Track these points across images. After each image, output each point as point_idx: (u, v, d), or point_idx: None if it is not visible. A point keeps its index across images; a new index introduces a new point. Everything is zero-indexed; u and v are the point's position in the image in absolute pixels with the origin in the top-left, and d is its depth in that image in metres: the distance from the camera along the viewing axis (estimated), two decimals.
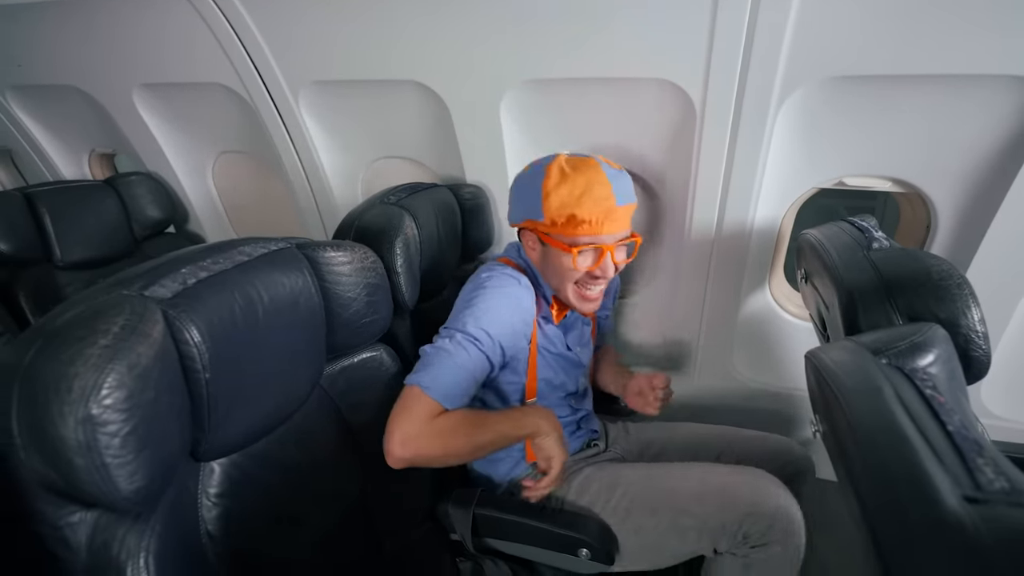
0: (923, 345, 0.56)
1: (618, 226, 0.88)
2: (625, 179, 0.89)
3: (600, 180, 0.85)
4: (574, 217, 0.85)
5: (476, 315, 0.86)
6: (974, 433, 0.42)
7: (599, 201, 0.84)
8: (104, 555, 0.51)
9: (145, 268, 0.61)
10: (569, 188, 0.85)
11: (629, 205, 0.89)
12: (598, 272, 0.90)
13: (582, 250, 0.87)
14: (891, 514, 0.39)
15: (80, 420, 0.45)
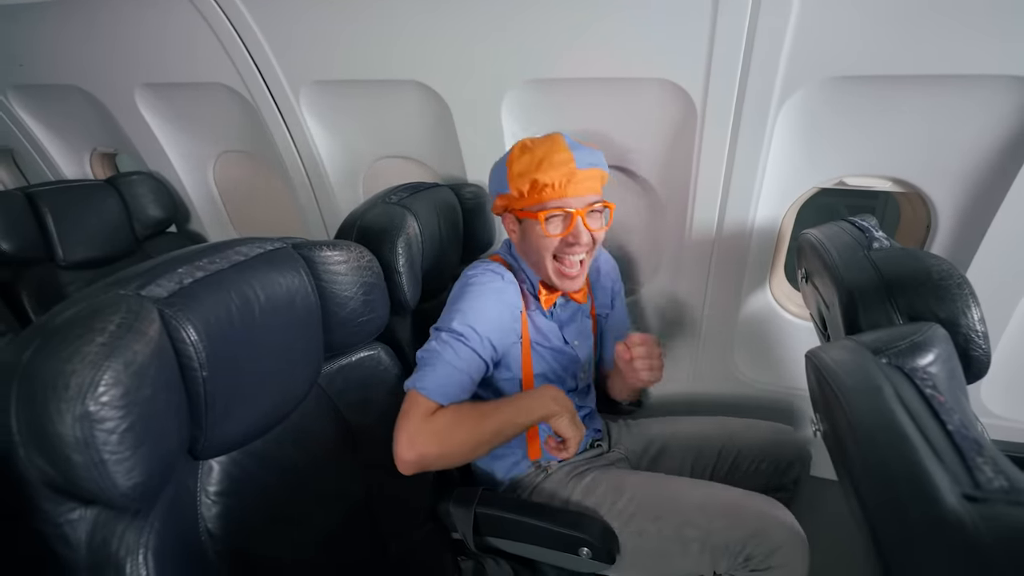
0: (923, 344, 0.56)
1: (583, 189, 0.88)
2: (588, 149, 0.90)
3: (559, 148, 0.88)
4: (536, 183, 0.87)
5: (462, 312, 0.88)
6: (974, 432, 0.42)
7: (558, 165, 0.86)
8: (104, 552, 0.51)
9: (142, 268, 0.61)
10: (529, 157, 0.89)
11: (593, 170, 0.89)
12: (571, 239, 0.90)
13: (550, 215, 0.89)
14: (891, 512, 0.39)
15: (78, 417, 0.46)
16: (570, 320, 1.04)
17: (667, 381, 1.43)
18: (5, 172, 2.19)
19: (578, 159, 0.88)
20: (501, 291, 0.92)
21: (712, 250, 1.19)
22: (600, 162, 0.92)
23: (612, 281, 1.15)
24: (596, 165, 0.90)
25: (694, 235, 1.18)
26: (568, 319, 1.04)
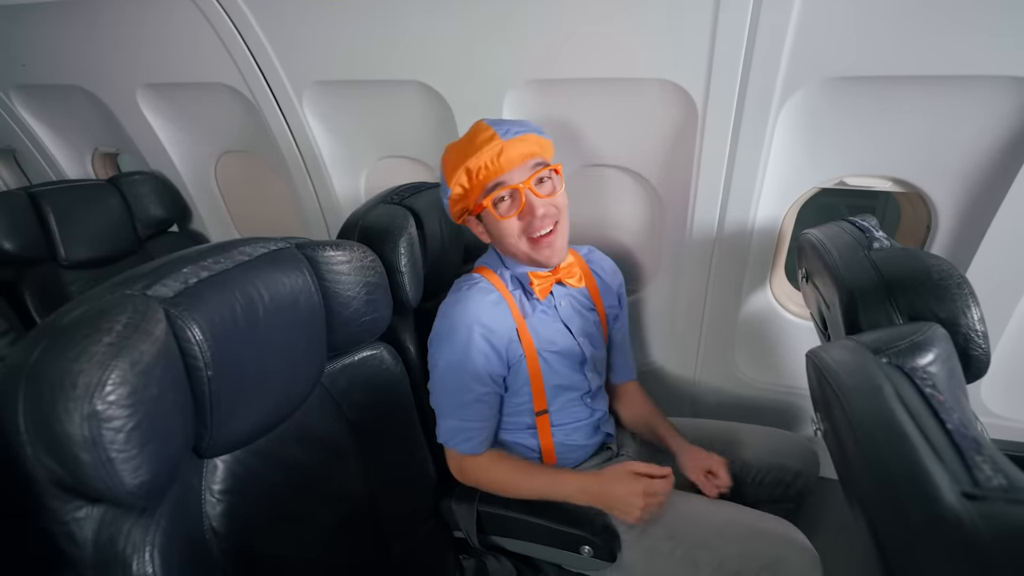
0: (923, 344, 0.56)
1: (516, 157, 0.85)
2: (512, 121, 0.88)
3: (479, 129, 0.86)
4: (468, 170, 0.85)
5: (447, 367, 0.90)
6: (973, 431, 0.43)
7: (482, 145, 0.84)
8: (110, 550, 0.52)
9: (148, 268, 0.62)
10: (457, 149, 0.87)
11: (521, 137, 0.85)
12: (527, 214, 0.87)
13: (496, 199, 0.86)
14: (891, 511, 0.39)
15: (85, 416, 0.46)
16: (574, 314, 1.01)
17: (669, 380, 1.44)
18: (7, 171, 2.20)
19: (501, 132, 0.85)
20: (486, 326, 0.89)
21: (713, 250, 1.20)
22: (529, 128, 0.88)
23: (616, 283, 1.13)
24: (523, 132, 0.86)
25: (695, 235, 1.19)
26: (572, 313, 1.01)
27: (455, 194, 0.88)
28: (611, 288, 1.11)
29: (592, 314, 1.05)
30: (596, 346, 1.05)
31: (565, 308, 1.00)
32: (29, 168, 2.10)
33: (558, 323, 0.99)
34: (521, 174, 0.86)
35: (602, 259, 1.12)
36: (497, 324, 0.90)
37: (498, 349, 0.90)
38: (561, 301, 1.00)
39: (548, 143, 0.91)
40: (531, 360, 0.94)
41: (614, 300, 1.12)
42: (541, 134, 0.90)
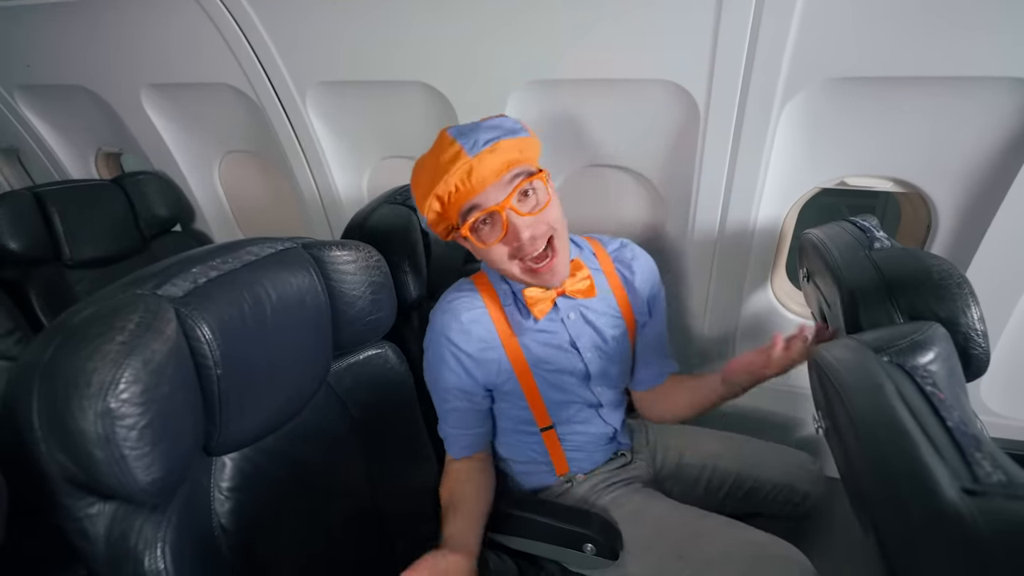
0: (923, 343, 0.57)
1: (490, 176, 0.73)
2: (480, 126, 0.75)
3: (445, 146, 0.74)
4: (438, 197, 0.74)
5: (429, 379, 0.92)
6: (973, 428, 0.43)
7: (447, 165, 0.72)
8: (122, 546, 0.53)
9: (157, 268, 0.63)
10: (423, 174, 0.76)
11: (492, 147, 0.72)
12: (512, 240, 0.76)
13: (473, 225, 0.76)
14: (892, 507, 0.40)
15: (99, 414, 0.47)
16: (586, 326, 0.93)
17: None
18: (10, 171, 2.20)
19: (468, 146, 0.72)
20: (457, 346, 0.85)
21: (714, 249, 1.20)
22: (500, 132, 0.74)
23: (650, 285, 0.99)
24: (493, 139, 0.73)
25: (696, 235, 1.20)
26: (583, 326, 0.92)
27: (430, 220, 0.80)
28: (641, 292, 0.98)
29: (617, 321, 0.95)
30: (612, 360, 0.95)
31: (574, 321, 0.92)
32: (33, 168, 2.11)
33: (559, 341, 0.91)
34: (498, 192, 0.74)
35: (635, 257, 0.99)
36: (468, 343, 0.86)
37: (467, 368, 0.87)
38: (569, 314, 0.91)
39: (530, 142, 0.78)
40: (524, 378, 0.90)
41: (644, 306, 0.98)
42: (518, 134, 0.76)
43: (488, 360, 0.88)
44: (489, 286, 0.90)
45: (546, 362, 0.90)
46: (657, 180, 1.22)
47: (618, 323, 0.96)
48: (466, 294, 0.89)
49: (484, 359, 0.87)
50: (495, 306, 0.88)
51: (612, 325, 0.95)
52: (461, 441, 0.94)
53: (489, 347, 0.87)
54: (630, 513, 0.92)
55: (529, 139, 0.78)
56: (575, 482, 1.00)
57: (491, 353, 0.88)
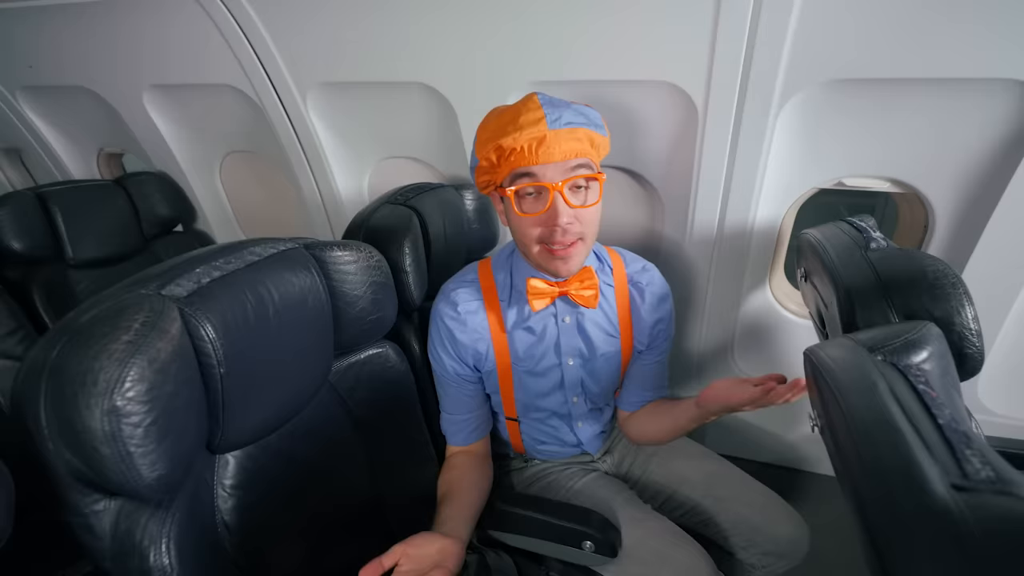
0: (917, 342, 0.58)
1: (558, 153, 0.73)
2: (570, 106, 0.76)
3: (530, 107, 0.74)
4: (501, 148, 0.74)
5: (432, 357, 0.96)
6: (963, 426, 0.44)
7: (526, 126, 0.72)
8: (128, 541, 0.54)
9: (161, 268, 0.63)
10: (497, 121, 0.76)
11: (572, 130, 0.74)
12: (548, 219, 0.75)
13: (521, 190, 0.76)
14: (883, 503, 0.41)
15: (106, 411, 0.48)
16: (577, 334, 0.93)
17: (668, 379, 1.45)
18: (12, 172, 2.21)
19: (551, 117, 0.73)
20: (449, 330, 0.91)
21: (713, 250, 1.21)
22: (585, 120, 0.76)
23: (656, 315, 0.95)
24: (577, 124, 0.74)
25: (695, 235, 1.20)
26: (574, 332, 0.93)
27: (481, 166, 0.80)
28: (647, 320, 0.95)
29: (612, 340, 0.95)
30: (595, 375, 0.96)
31: (568, 326, 0.92)
32: (35, 168, 2.12)
33: (546, 342, 0.92)
34: (557, 173, 0.75)
35: (652, 282, 0.96)
36: (464, 332, 0.91)
37: (460, 354, 0.93)
38: (565, 317, 0.92)
39: (604, 141, 0.80)
40: (503, 372, 0.94)
41: (645, 335, 0.96)
42: (599, 129, 0.78)
43: (478, 349, 0.93)
44: (490, 277, 0.93)
45: (527, 360, 0.93)
46: (656, 181, 1.22)
47: (613, 342, 0.95)
48: (467, 286, 0.93)
49: (475, 348, 0.93)
50: (492, 300, 0.92)
51: (605, 341, 0.95)
52: (460, 427, 0.98)
53: (481, 338, 0.92)
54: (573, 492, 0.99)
55: (606, 139, 0.80)
56: (531, 464, 1.08)
57: (481, 345, 0.93)
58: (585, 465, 1.08)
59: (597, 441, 1.08)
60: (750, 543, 0.94)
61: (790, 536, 0.92)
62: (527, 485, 1.07)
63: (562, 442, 1.05)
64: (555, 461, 1.08)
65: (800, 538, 0.93)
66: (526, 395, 0.97)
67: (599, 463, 1.10)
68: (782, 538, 0.92)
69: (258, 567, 0.70)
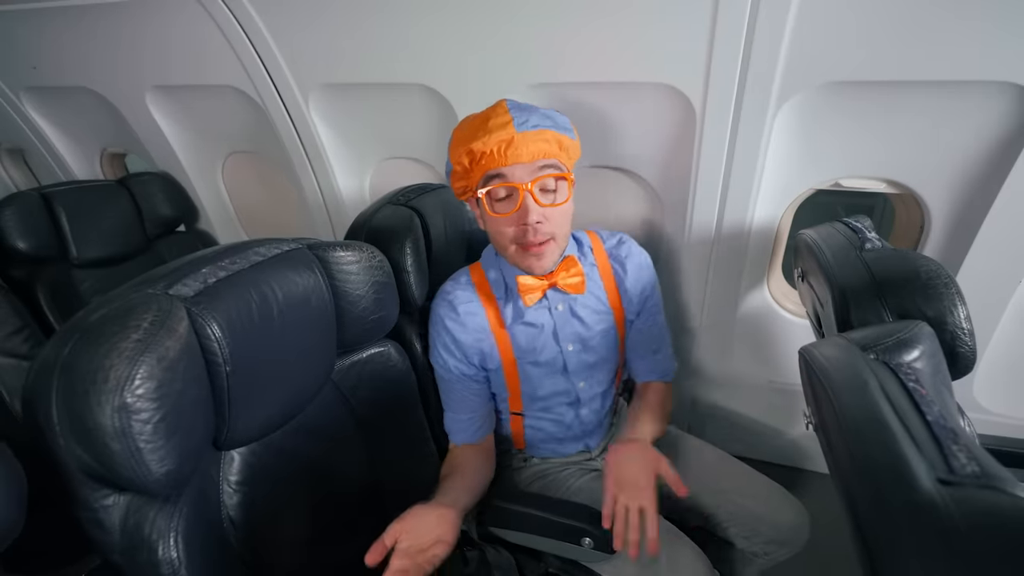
0: (909, 341, 0.59)
1: (526, 154, 0.77)
2: (537, 111, 0.80)
3: (499, 112, 0.79)
4: (471, 152, 0.78)
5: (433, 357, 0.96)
6: (951, 422, 0.45)
7: (495, 130, 0.76)
8: (137, 535, 0.55)
9: (168, 269, 0.65)
10: (470, 124, 0.80)
11: (539, 132, 0.78)
12: (518, 219, 0.79)
13: (493, 192, 0.80)
14: (872, 498, 0.42)
15: (116, 408, 0.49)
16: (571, 318, 0.96)
17: None
18: (16, 171, 2.23)
19: (518, 120, 0.77)
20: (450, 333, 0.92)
21: (711, 249, 1.22)
22: (552, 124, 0.80)
23: (641, 284, 1.00)
24: (543, 126, 0.78)
25: (694, 235, 1.21)
26: (568, 317, 0.96)
27: (455, 171, 0.83)
28: (633, 289, 0.99)
29: (604, 316, 0.98)
30: (595, 353, 0.98)
31: (561, 313, 0.95)
32: (38, 168, 2.13)
33: (545, 332, 0.95)
34: (526, 173, 0.79)
35: (631, 253, 1.00)
36: (465, 333, 0.92)
37: (466, 354, 0.93)
38: (557, 305, 0.95)
39: (573, 144, 0.83)
40: (508, 369, 0.95)
41: (635, 303, 1.00)
42: (567, 132, 0.82)
43: (482, 348, 0.94)
44: (483, 277, 0.96)
45: (530, 352, 0.95)
46: (655, 181, 1.23)
47: (606, 318, 0.98)
48: (463, 287, 0.95)
49: (479, 348, 0.94)
50: (488, 299, 0.94)
51: (599, 319, 0.98)
52: (464, 426, 0.98)
53: (483, 338, 0.93)
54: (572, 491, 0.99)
55: (575, 142, 0.84)
56: (530, 463, 1.08)
57: (484, 344, 0.94)
58: (584, 464, 1.09)
59: (598, 433, 1.08)
60: (753, 532, 0.95)
61: (792, 524, 0.94)
62: (527, 484, 1.08)
63: (566, 434, 1.05)
64: (554, 460, 1.09)
65: (802, 525, 0.95)
66: (532, 387, 0.98)
67: (598, 461, 1.10)
68: (784, 525, 0.94)
69: (263, 561, 0.71)
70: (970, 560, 0.35)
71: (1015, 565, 0.33)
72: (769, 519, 0.95)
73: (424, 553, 0.74)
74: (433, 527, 0.76)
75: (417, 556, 0.73)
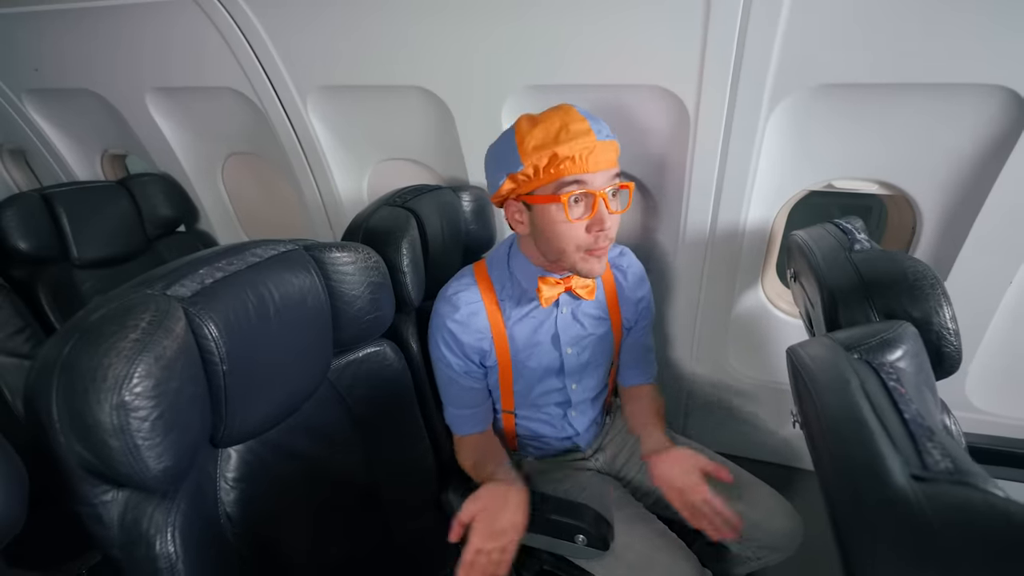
0: (893, 341, 0.60)
1: (603, 163, 0.80)
2: (600, 120, 0.83)
3: (575, 118, 0.80)
4: (555, 156, 0.78)
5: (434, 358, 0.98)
6: (929, 420, 0.46)
7: (578, 136, 0.77)
8: (135, 530, 0.56)
9: (167, 269, 0.66)
10: (544, 128, 0.80)
11: (610, 141, 0.82)
12: (595, 224, 0.81)
13: (572, 196, 0.79)
14: (848, 493, 0.43)
15: (115, 406, 0.50)
16: (573, 323, 0.98)
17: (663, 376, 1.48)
18: (17, 172, 2.24)
19: (595, 128, 0.79)
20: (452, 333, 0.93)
21: (706, 250, 1.23)
22: (612, 132, 0.84)
23: (638, 295, 1.04)
24: (612, 137, 0.83)
25: (688, 235, 1.23)
26: (571, 321, 0.98)
27: (523, 173, 0.80)
28: (631, 299, 1.03)
29: (602, 323, 1.01)
30: (592, 357, 1.01)
31: (565, 316, 0.97)
32: (39, 169, 2.15)
33: (545, 332, 0.97)
34: (602, 180, 0.80)
35: (631, 264, 1.05)
36: (466, 333, 0.93)
37: (467, 353, 0.95)
38: (563, 308, 0.97)
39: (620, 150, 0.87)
40: (503, 368, 0.98)
41: (631, 312, 1.04)
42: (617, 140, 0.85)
43: (482, 348, 0.96)
44: (487, 278, 0.96)
45: (529, 352, 0.97)
46: (650, 182, 1.24)
47: (604, 324, 1.02)
48: (466, 288, 0.96)
49: (479, 347, 0.95)
50: (491, 299, 0.95)
51: (598, 325, 1.01)
52: (466, 420, 1.01)
53: (484, 337, 0.95)
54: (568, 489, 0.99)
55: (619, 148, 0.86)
56: (524, 464, 1.10)
57: (485, 343, 0.95)
58: (577, 464, 1.10)
59: (589, 433, 1.10)
60: (746, 537, 0.96)
61: (785, 530, 0.96)
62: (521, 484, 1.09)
63: (556, 434, 1.07)
64: (548, 460, 1.10)
65: (795, 531, 0.96)
66: (525, 385, 1.00)
67: (591, 461, 1.12)
68: (777, 532, 0.95)
69: (260, 556, 0.72)
70: (941, 554, 0.36)
71: (984, 559, 0.34)
72: (763, 526, 0.96)
73: (497, 537, 0.78)
74: (508, 509, 0.81)
75: (491, 540, 0.77)
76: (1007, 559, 0.33)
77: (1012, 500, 0.37)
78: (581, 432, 1.08)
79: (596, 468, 1.11)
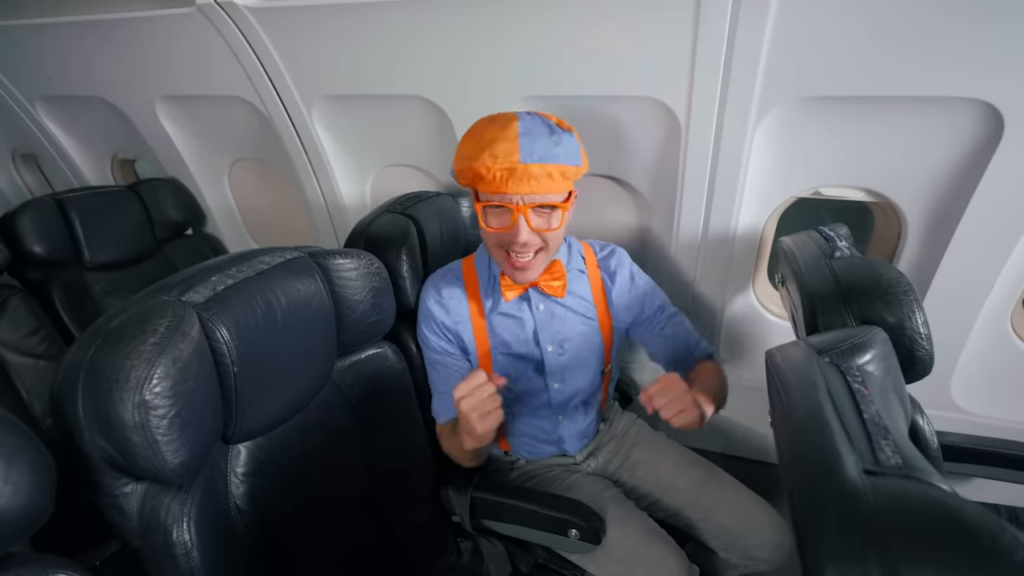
0: (863, 346, 0.64)
1: (529, 186, 0.78)
2: (546, 137, 0.78)
3: (507, 136, 0.77)
4: (473, 170, 0.79)
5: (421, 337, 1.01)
6: (886, 420, 0.50)
7: (499, 158, 0.77)
8: (153, 520, 0.61)
9: (181, 277, 0.70)
10: (475, 141, 0.80)
11: (544, 166, 0.77)
12: (509, 237, 0.82)
13: (487, 207, 0.82)
14: (805, 487, 0.47)
15: (136, 404, 0.55)
16: (552, 319, 0.99)
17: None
18: (30, 176, 2.30)
19: (524, 151, 0.76)
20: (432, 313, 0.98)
21: (698, 255, 1.27)
22: (560, 154, 0.78)
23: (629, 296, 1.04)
24: (548, 160, 0.77)
25: (681, 240, 1.26)
26: (549, 318, 0.99)
27: (456, 170, 0.85)
28: (623, 299, 1.03)
29: (589, 323, 1.01)
30: (575, 358, 1.01)
31: (542, 312, 0.99)
32: (51, 173, 2.20)
33: (524, 328, 0.99)
34: (522, 198, 0.80)
35: (621, 264, 1.05)
36: (446, 316, 0.98)
37: (446, 334, 0.99)
38: (539, 305, 0.99)
39: (578, 170, 0.83)
40: (482, 358, 1.00)
41: (626, 313, 1.04)
42: (572, 161, 0.81)
43: (460, 334, 0.99)
44: (472, 270, 1.01)
45: (506, 346, 1.00)
46: (643, 189, 1.28)
47: (590, 325, 1.02)
48: (450, 275, 1.01)
49: (457, 331, 0.99)
50: (473, 288, 0.99)
51: (582, 324, 1.02)
52: (449, 404, 0.96)
53: (462, 322, 0.99)
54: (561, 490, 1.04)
55: (581, 168, 0.84)
56: (517, 465, 1.12)
57: (463, 329, 0.99)
58: (568, 467, 1.12)
59: (578, 442, 1.11)
60: (731, 547, 0.99)
61: (771, 542, 0.96)
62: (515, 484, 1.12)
63: (542, 433, 1.08)
64: (540, 462, 1.12)
65: (782, 543, 0.97)
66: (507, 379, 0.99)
67: (583, 466, 1.13)
68: (764, 545, 0.97)
69: (268, 546, 0.77)
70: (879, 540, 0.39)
71: (916, 543, 0.38)
72: (749, 538, 0.98)
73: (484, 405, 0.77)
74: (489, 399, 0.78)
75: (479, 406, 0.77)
76: (938, 544, 0.37)
77: (950, 492, 0.40)
78: (570, 440, 1.09)
79: (588, 472, 1.13)
